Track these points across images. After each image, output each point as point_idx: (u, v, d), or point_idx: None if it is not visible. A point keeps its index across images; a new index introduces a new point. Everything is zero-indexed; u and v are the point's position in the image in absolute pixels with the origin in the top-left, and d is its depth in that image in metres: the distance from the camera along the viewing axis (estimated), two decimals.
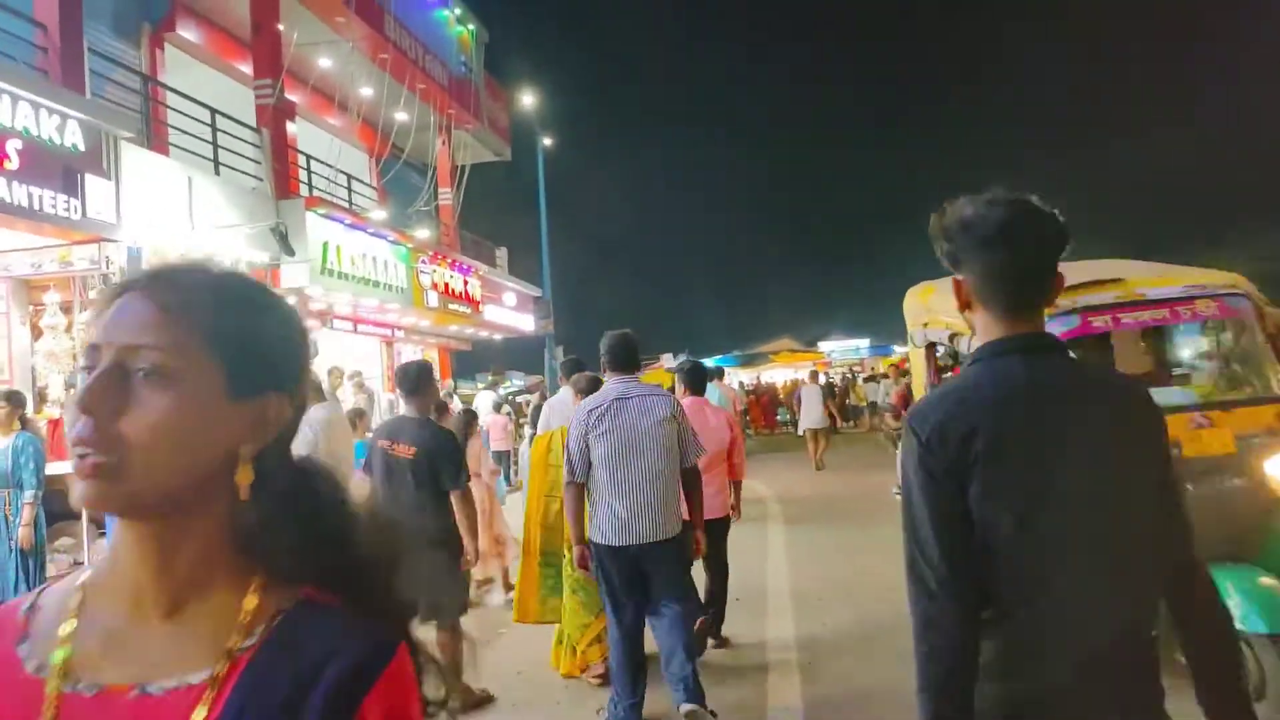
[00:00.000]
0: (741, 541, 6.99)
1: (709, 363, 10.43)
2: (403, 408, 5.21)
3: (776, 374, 34.56)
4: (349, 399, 14.54)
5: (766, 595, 6.97)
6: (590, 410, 4.36)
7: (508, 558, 7.39)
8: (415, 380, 5.01)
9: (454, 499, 4.69)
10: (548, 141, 25.85)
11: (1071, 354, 1.73)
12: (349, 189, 15.03)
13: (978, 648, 1.53)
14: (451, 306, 16.49)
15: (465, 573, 5.10)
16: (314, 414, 5.55)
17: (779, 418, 27.77)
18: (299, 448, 1.02)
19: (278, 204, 11.76)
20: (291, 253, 11.17)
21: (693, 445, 4.52)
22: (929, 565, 1.55)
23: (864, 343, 42.80)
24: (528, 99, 24.24)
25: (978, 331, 1.72)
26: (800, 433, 17.23)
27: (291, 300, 8.36)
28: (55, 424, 8.60)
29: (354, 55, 14.50)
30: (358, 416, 9.16)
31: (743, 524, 6.67)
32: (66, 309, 8.43)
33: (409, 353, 20.42)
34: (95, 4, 9.92)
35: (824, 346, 39.83)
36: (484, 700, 4.90)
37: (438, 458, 4.69)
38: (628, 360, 4.58)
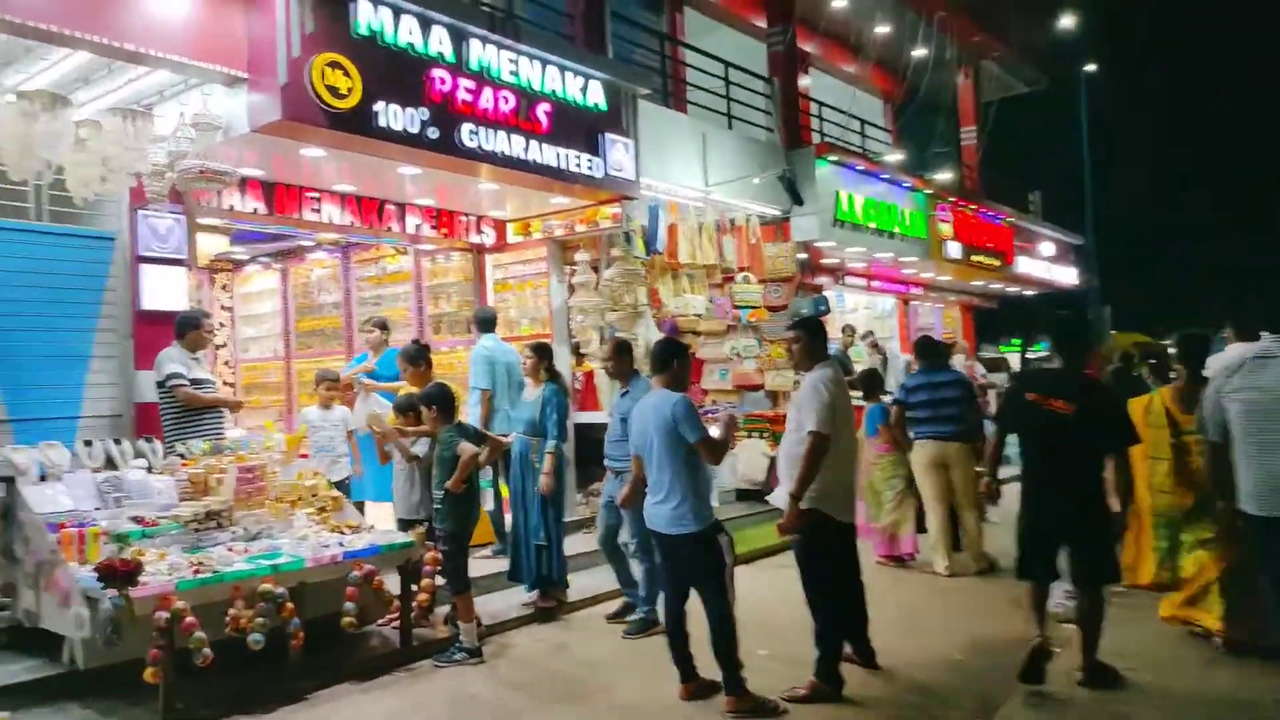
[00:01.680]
0: None
1: None
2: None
3: None
4: (863, 360, 13.78)
5: None
6: (1225, 367, 4.27)
7: None
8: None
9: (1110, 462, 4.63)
10: (1091, 67, 22.22)
11: None
12: (862, 134, 14.08)
13: None
14: (975, 258, 14.73)
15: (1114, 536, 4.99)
16: (814, 374, 4.73)
17: None
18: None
19: (787, 154, 11.27)
20: (800, 201, 10.58)
21: None
22: None
23: None
24: (1067, 19, 20.97)
25: None
26: None
27: (801, 254, 7.66)
28: (589, 376, 9.06)
29: None
30: (870, 378, 8.21)
31: None
32: (595, 267, 8.76)
33: (926, 312, 19.06)
34: None
35: None
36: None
37: (1100, 417, 4.63)
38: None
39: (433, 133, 6.42)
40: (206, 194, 5.85)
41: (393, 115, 6.16)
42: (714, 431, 4.78)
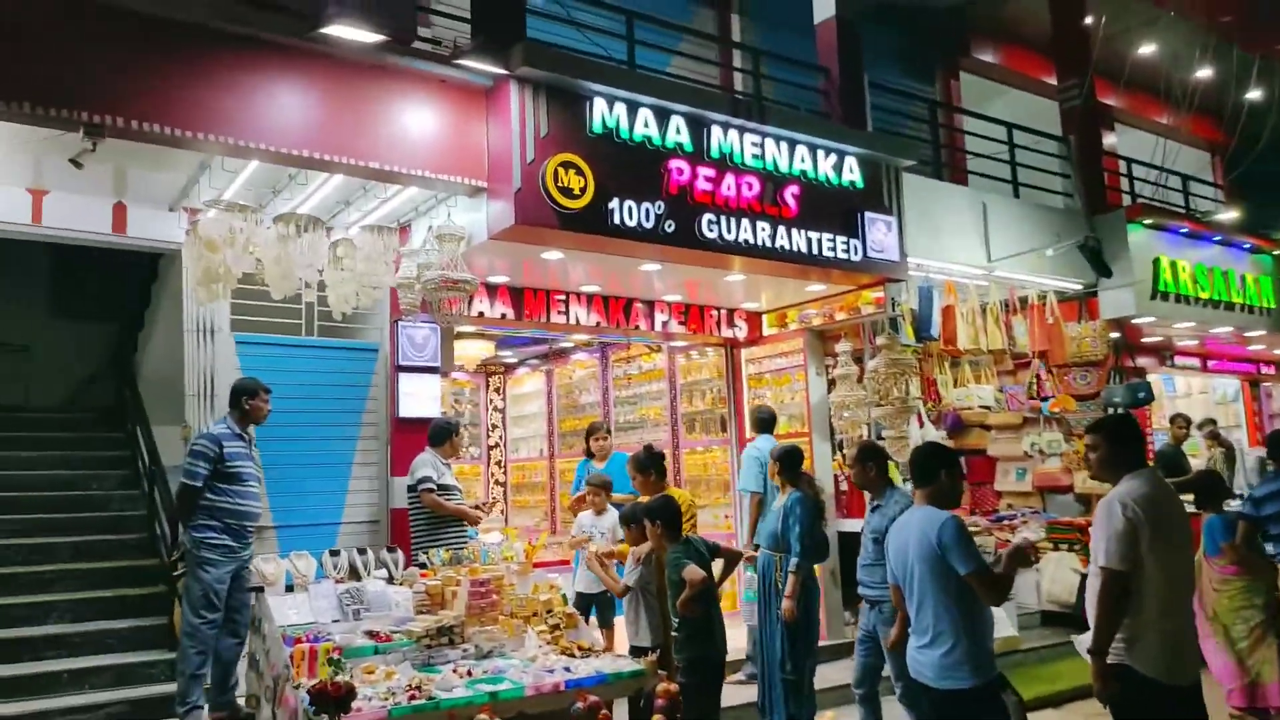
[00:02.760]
0: None
1: None
2: None
3: None
4: (1201, 455, 11.55)
5: None
6: None
7: None
8: None
9: None
10: None
11: None
12: (1185, 192, 12.09)
13: None
14: None
15: None
16: (1116, 490, 3.68)
17: None
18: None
19: (1091, 220, 9.81)
20: (1108, 273, 9.10)
21: None
22: None
23: None
24: None
25: None
26: None
27: (1114, 334, 6.43)
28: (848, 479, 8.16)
29: (1179, 30, 11.72)
30: (1207, 480, 6.61)
31: None
32: (858, 358, 7.95)
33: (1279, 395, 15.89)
34: (881, 45, 9.66)
35: None
36: None
37: None
38: None
39: (669, 226, 6.10)
40: (454, 302, 5.91)
41: (627, 211, 5.92)
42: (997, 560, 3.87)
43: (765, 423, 7.38)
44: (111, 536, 6.86)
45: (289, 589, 5.26)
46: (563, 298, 7.50)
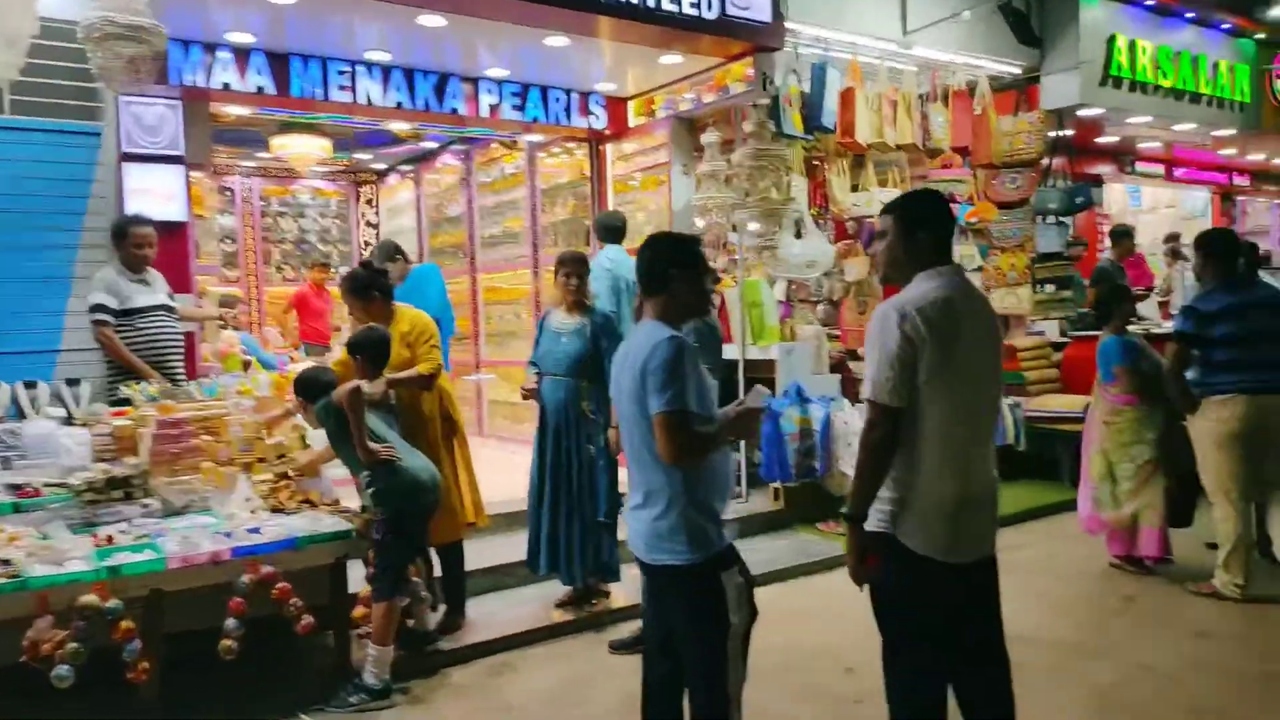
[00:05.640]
0: None
1: None
2: None
3: None
4: (1163, 271, 10.37)
5: None
6: None
7: None
8: None
9: None
10: None
11: None
12: None
13: None
14: None
15: None
16: (906, 293, 2.50)
17: None
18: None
19: None
20: (1035, 42, 7.54)
21: None
22: None
23: None
24: None
25: None
26: None
27: (1066, 131, 4.20)
28: (720, 300, 6.95)
29: None
30: (1110, 294, 5.44)
31: None
32: (726, 149, 6.55)
33: (1257, 212, 14.61)
34: None
35: None
36: None
37: None
38: None
39: None
40: (137, 65, 4.48)
41: None
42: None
43: (613, 231, 6.07)
44: None
45: None
46: (346, 69, 6.02)
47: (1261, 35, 9.79)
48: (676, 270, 2.70)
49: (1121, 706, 3.59)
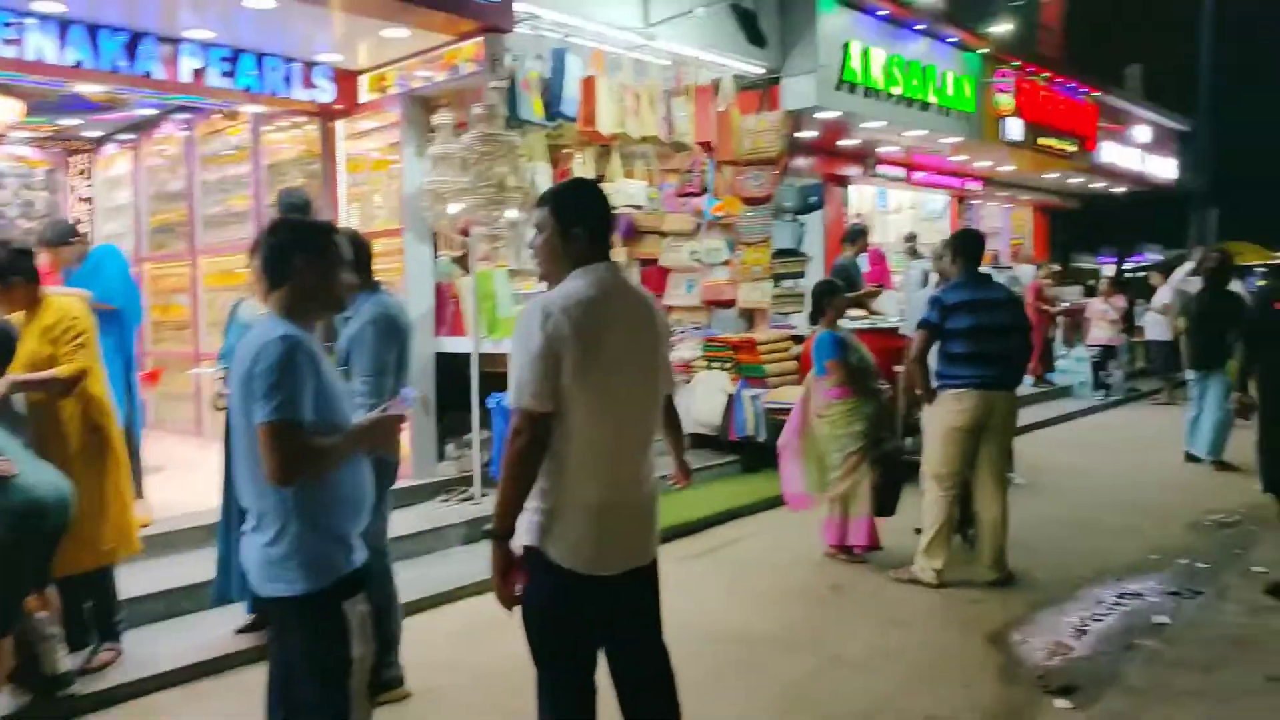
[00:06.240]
0: None
1: None
2: None
3: None
4: (902, 271, 10.99)
5: None
6: None
7: None
8: None
9: None
10: None
11: None
12: None
13: None
14: (1043, 141, 11.63)
15: None
16: (556, 290, 2.35)
17: None
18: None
19: None
20: (761, 42, 7.74)
21: None
22: None
23: None
24: None
25: None
26: None
27: (809, 133, 4.22)
28: (450, 289, 6.65)
29: None
30: (825, 289, 5.60)
31: None
32: (462, 131, 6.23)
33: (990, 214, 15.97)
34: None
35: None
36: None
37: None
38: None
39: None
40: None
41: None
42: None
43: (296, 210, 5.43)
44: None
45: None
46: (13, 19, 5.18)
47: (985, 50, 10.60)
48: (301, 259, 2.38)
49: (806, 700, 3.64)
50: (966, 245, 5.07)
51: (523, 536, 2.37)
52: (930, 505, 5.00)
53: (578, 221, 2.43)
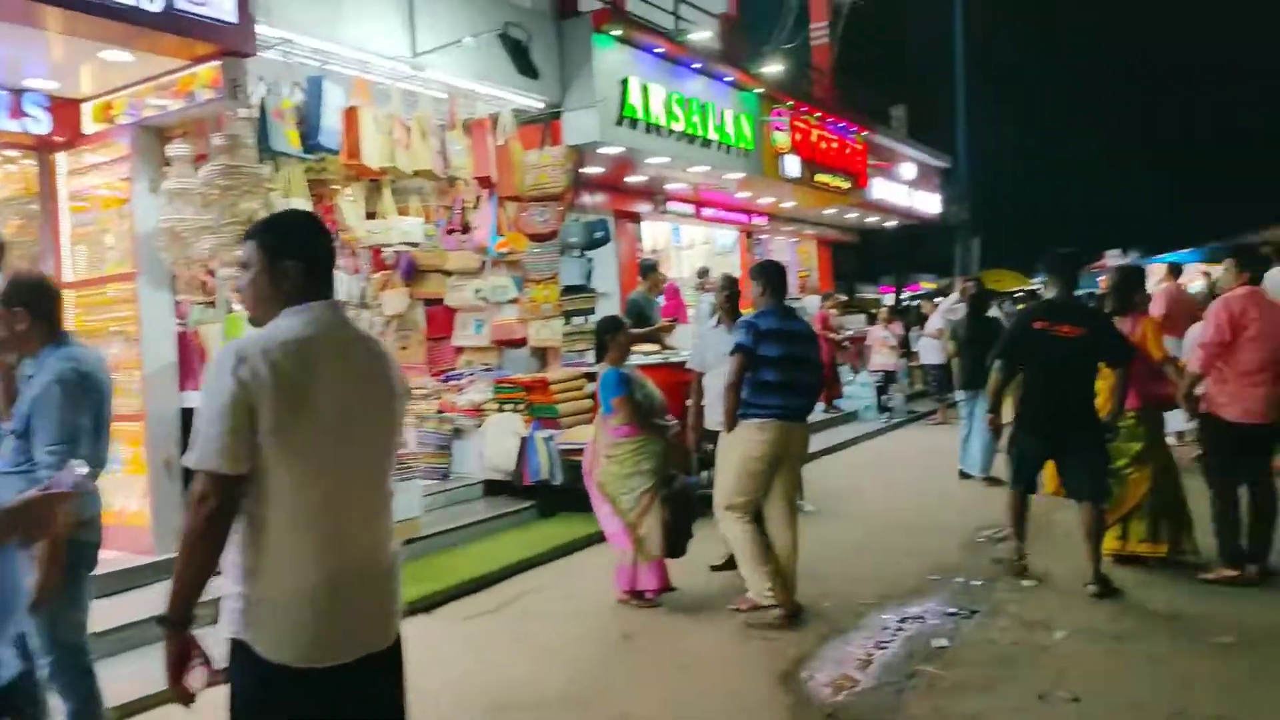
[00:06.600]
0: None
1: None
2: None
3: None
4: (695, 305, 11.06)
5: None
6: None
7: None
8: None
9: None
10: None
11: None
12: (675, 14, 10.87)
13: None
14: (820, 178, 12.16)
15: None
16: (259, 332, 1.96)
17: None
18: None
19: (559, 23, 8.30)
20: (532, 73, 7.58)
21: None
22: None
23: None
24: None
25: None
26: None
27: (597, 169, 4.09)
28: (194, 338, 5.98)
29: None
30: (606, 326, 5.44)
31: None
32: (200, 163, 5.63)
33: (778, 248, 16.58)
34: None
35: None
36: None
37: (1105, 337, 5.06)
38: None
39: None
40: None
41: None
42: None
43: None
44: None
45: None
46: None
47: (760, 90, 10.95)
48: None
49: None
50: (774, 276, 5.05)
51: (224, 628, 1.97)
52: (735, 536, 4.87)
53: (289, 255, 2.09)
